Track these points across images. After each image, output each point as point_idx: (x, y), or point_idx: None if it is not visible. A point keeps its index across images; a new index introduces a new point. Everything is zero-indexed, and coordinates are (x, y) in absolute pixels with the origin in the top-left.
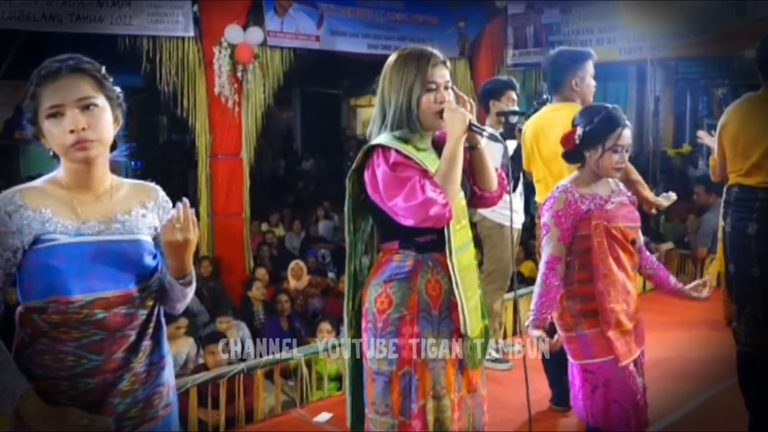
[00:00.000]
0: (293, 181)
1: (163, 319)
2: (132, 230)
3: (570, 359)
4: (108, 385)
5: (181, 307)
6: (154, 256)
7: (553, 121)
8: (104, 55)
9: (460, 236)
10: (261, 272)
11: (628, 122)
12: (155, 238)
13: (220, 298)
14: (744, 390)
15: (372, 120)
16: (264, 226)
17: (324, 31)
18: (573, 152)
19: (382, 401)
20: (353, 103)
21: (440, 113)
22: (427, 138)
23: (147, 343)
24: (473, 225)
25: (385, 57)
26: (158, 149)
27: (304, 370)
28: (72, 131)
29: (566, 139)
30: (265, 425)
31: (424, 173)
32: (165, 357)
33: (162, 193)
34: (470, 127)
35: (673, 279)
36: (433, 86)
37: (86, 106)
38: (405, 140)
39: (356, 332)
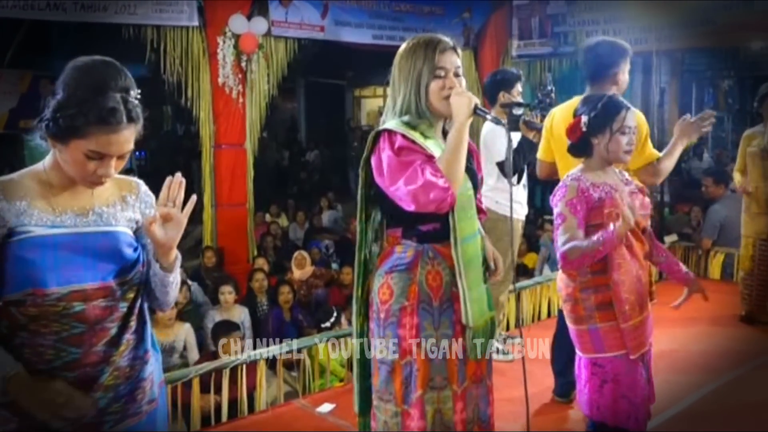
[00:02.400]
0: (297, 172)
1: (147, 314)
2: (109, 222)
3: (578, 353)
4: (89, 378)
5: (164, 302)
6: (135, 249)
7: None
8: (108, 44)
9: (466, 226)
10: (260, 262)
11: (630, 105)
12: (136, 231)
13: (222, 273)
14: None
15: (385, 110)
16: (267, 217)
17: (328, 21)
18: (579, 143)
19: (386, 389)
20: (357, 93)
21: (449, 98)
22: (437, 126)
23: (130, 336)
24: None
25: (390, 47)
26: (162, 139)
27: (307, 360)
28: (101, 176)
29: (571, 130)
30: (267, 415)
31: (429, 158)
32: (149, 351)
33: (144, 188)
34: (475, 111)
35: (683, 266)
36: (442, 73)
37: (122, 156)
38: (413, 126)
39: (364, 319)
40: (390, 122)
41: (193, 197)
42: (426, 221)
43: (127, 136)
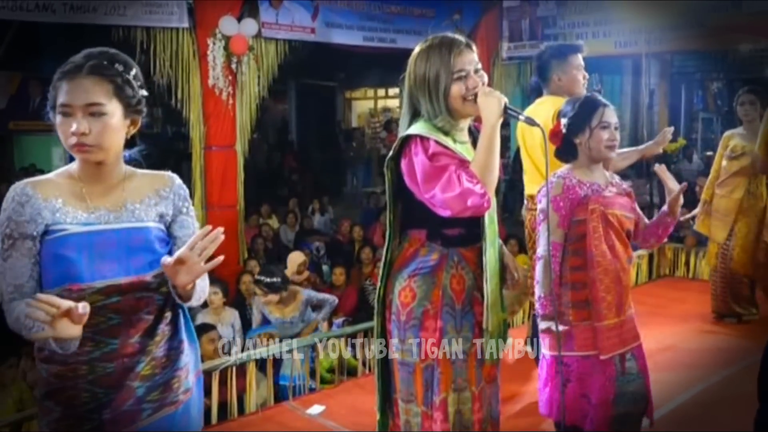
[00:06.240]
0: (288, 174)
1: (183, 305)
2: (141, 218)
3: (544, 350)
4: (126, 368)
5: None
6: (167, 243)
7: (536, 114)
8: (98, 45)
9: (492, 231)
10: (251, 264)
11: (609, 103)
12: (168, 226)
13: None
14: (761, 383)
15: (403, 115)
16: (259, 219)
17: (319, 23)
18: (563, 146)
19: (407, 390)
20: (348, 95)
21: (474, 99)
22: (465, 128)
23: (165, 327)
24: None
25: (381, 49)
26: (152, 141)
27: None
28: (73, 134)
29: (553, 134)
30: (258, 417)
31: (462, 163)
32: (183, 341)
33: (178, 181)
34: (506, 111)
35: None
36: (463, 74)
37: (93, 113)
38: (445, 131)
39: (383, 319)
40: (419, 126)
41: (220, 258)
42: (452, 225)
43: (88, 86)
